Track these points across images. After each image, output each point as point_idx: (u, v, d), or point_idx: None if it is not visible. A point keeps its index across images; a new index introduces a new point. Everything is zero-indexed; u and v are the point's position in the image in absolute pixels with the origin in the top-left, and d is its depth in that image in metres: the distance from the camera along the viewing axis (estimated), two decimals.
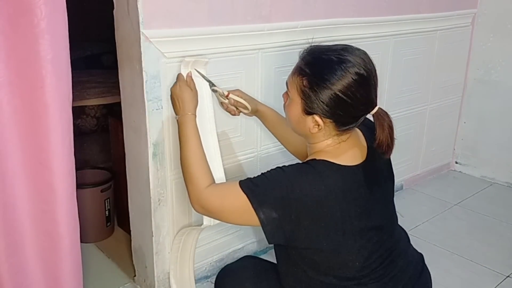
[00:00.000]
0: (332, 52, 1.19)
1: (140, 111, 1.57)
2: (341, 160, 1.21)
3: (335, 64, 1.16)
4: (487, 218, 2.46)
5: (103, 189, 2.13)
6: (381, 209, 1.27)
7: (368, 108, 1.20)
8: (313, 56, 1.21)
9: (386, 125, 1.19)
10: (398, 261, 1.28)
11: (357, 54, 1.18)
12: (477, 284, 1.94)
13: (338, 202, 1.17)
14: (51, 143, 1.28)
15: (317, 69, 1.18)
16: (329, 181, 1.17)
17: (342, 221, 1.18)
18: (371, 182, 1.24)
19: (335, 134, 1.23)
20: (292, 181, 1.17)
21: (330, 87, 1.15)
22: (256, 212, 1.17)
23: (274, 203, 1.16)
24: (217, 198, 1.27)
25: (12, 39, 1.17)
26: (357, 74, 1.15)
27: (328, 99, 1.16)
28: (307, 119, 1.22)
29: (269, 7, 1.75)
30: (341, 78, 1.14)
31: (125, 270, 1.95)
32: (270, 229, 1.18)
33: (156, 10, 1.48)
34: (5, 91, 1.20)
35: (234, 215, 1.23)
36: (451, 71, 2.76)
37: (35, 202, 1.33)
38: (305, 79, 1.19)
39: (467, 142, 2.96)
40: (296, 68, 1.23)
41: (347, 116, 1.20)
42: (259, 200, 1.17)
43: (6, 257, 1.31)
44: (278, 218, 1.16)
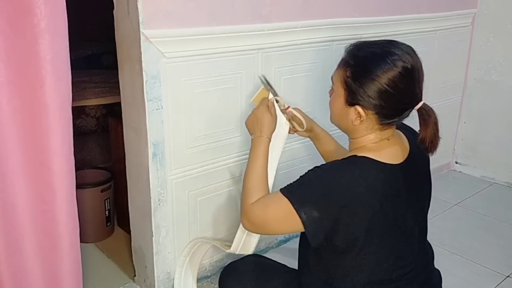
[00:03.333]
0: (377, 45, 1.20)
1: (140, 111, 1.57)
2: (382, 157, 1.19)
3: (379, 55, 1.16)
4: (487, 218, 2.46)
5: (103, 189, 2.13)
6: (415, 215, 1.25)
7: (412, 102, 1.19)
8: (358, 49, 1.22)
9: (432, 122, 1.19)
10: (420, 275, 1.27)
11: (402, 48, 1.19)
12: (477, 284, 1.94)
13: (377, 199, 1.15)
14: (51, 143, 1.28)
15: (361, 60, 1.18)
16: (369, 177, 1.15)
17: (380, 220, 1.16)
18: (409, 183, 1.22)
19: (378, 128, 1.21)
20: (331, 179, 1.16)
21: (373, 77, 1.15)
22: (297, 213, 1.15)
23: (314, 202, 1.15)
24: (260, 209, 1.26)
25: (11, 39, 1.17)
26: (401, 66, 1.15)
27: (370, 90, 1.16)
28: (349, 111, 1.21)
29: (269, 7, 1.75)
30: (384, 69, 1.14)
31: (125, 270, 1.95)
32: (312, 230, 1.16)
33: (156, 10, 1.48)
34: (5, 91, 1.20)
35: (277, 222, 1.22)
36: (451, 71, 2.76)
37: (35, 202, 1.33)
38: (349, 70, 1.19)
39: (467, 142, 2.96)
40: (341, 61, 1.23)
41: (389, 108, 1.19)
42: (300, 200, 1.16)
43: (5, 256, 1.31)
44: (319, 217, 1.15)
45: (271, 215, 1.22)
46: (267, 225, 1.25)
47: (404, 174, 1.21)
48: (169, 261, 1.76)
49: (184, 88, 1.61)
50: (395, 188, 1.18)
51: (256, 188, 1.33)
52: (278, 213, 1.20)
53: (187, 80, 1.61)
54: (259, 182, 1.35)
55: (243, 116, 1.80)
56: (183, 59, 1.58)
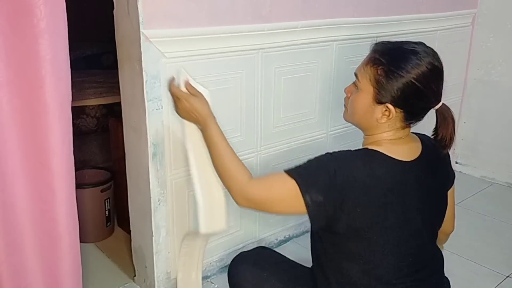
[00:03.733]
0: (406, 44, 1.22)
1: (140, 111, 1.57)
2: (393, 153, 1.20)
3: (411, 54, 1.18)
4: (487, 218, 2.46)
5: (103, 189, 2.13)
6: (424, 217, 1.25)
7: (436, 101, 1.22)
8: (388, 47, 1.23)
9: (450, 120, 1.22)
10: (431, 280, 1.27)
11: (429, 49, 1.22)
12: (477, 284, 1.94)
13: (384, 193, 1.16)
14: (51, 142, 1.28)
15: (392, 58, 1.19)
16: (378, 170, 1.17)
17: (384, 213, 1.17)
18: (419, 183, 1.22)
19: (400, 127, 1.23)
20: (340, 165, 1.17)
21: (406, 75, 1.16)
22: (303, 195, 1.16)
23: (321, 186, 1.16)
24: (264, 189, 1.25)
25: (11, 39, 1.17)
26: (431, 64, 1.18)
27: (403, 87, 1.17)
28: (377, 109, 1.22)
29: (269, 7, 1.75)
30: (417, 66, 1.16)
31: (125, 270, 1.95)
32: (315, 213, 1.17)
33: (156, 10, 1.48)
34: (5, 91, 1.20)
35: (281, 203, 1.22)
36: (451, 71, 2.76)
37: (35, 202, 1.33)
38: (380, 68, 1.19)
39: (467, 142, 2.96)
40: (370, 59, 1.23)
41: (418, 106, 1.22)
42: (307, 183, 1.16)
43: (5, 256, 1.31)
44: (323, 202, 1.15)
45: (276, 195, 1.22)
46: (270, 203, 1.25)
47: (414, 172, 1.22)
48: (169, 261, 1.76)
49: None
50: (403, 184, 1.19)
51: (239, 167, 1.34)
52: (283, 193, 1.20)
53: None
54: (237, 160, 1.36)
55: (243, 116, 1.81)
56: (183, 59, 1.58)
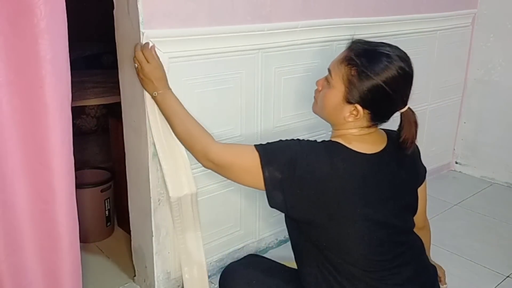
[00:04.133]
0: (381, 46, 1.26)
1: (140, 111, 1.57)
2: (357, 147, 1.24)
3: (385, 57, 1.22)
4: (487, 218, 2.46)
5: (103, 189, 2.13)
6: (392, 207, 1.27)
7: (403, 105, 1.26)
8: (364, 48, 1.27)
9: (413, 123, 1.26)
10: (410, 266, 1.27)
11: (402, 52, 1.26)
12: (477, 284, 1.94)
13: (343, 185, 1.20)
14: (51, 142, 1.28)
15: (366, 60, 1.22)
16: (338, 163, 1.21)
17: (343, 203, 1.20)
18: (381, 175, 1.26)
19: (365, 126, 1.27)
20: (303, 153, 1.22)
21: (377, 78, 1.20)
22: (262, 169, 1.22)
23: (281, 164, 1.22)
24: (229, 154, 1.31)
25: (11, 39, 1.17)
26: (402, 69, 1.22)
27: (373, 89, 1.21)
28: (346, 107, 1.26)
29: (269, 7, 1.75)
30: (388, 71, 1.21)
31: (125, 270, 1.95)
32: (271, 189, 1.23)
33: (156, 10, 1.48)
34: (5, 91, 1.20)
35: (243, 172, 1.28)
36: (451, 71, 2.76)
37: (35, 202, 1.33)
38: (354, 69, 1.23)
39: (467, 142, 2.96)
40: (345, 57, 1.27)
41: (385, 109, 1.26)
42: (269, 158, 1.23)
43: (5, 256, 1.30)
44: (280, 179, 1.21)
45: (239, 162, 1.28)
46: (232, 169, 1.30)
47: (376, 165, 1.25)
48: (169, 261, 1.76)
49: (184, 88, 1.61)
50: (364, 176, 1.23)
51: (202, 131, 1.40)
52: (246, 162, 1.26)
53: (187, 80, 1.61)
54: (199, 126, 1.41)
55: (243, 116, 1.81)
56: (183, 59, 1.58)
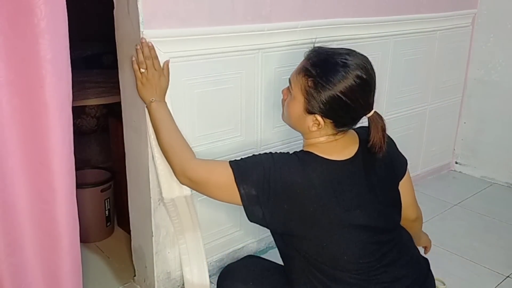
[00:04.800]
0: (338, 55, 1.24)
1: (140, 111, 1.57)
2: (329, 155, 1.26)
3: (340, 67, 1.21)
4: (487, 218, 2.46)
5: (103, 189, 2.13)
6: (372, 208, 1.27)
7: (366, 111, 1.26)
8: (320, 58, 1.26)
9: (380, 128, 1.26)
10: (399, 263, 1.28)
11: (360, 59, 1.24)
12: (477, 284, 1.94)
13: (318, 194, 1.21)
14: (51, 142, 1.28)
15: (322, 71, 1.22)
16: (312, 173, 1.22)
17: (321, 212, 1.21)
18: (359, 178, 1.27)
19: (332, 133, 1.28)
20: (275, 166, 1.23)
21: (334, 89, 1.20)
22: (237, 187, 1.24)
23: (255, 181, 1.23)
24: (204, 171, 1.33)
25: (12, 39, 1.17)
26: (359, 77, 1.21)
27: (331, 101, 1.21)
28: (307, 118, 1.27)
29: (269, 7, 1.75)
30: (345, 80, 1.20)
31: (125, 270, 1.95)
32: (248, 205, 1.25)
33: (156, 10, 1.48)
34: (5, 91, 1.20)
35: (218, 189, 1.30)
36: (451, 71, 2.76)
37: (35, 202, 1.33)
38: (311, 80, 1.23)
39: (467, 142, 2.96)
40: (302, 68, 1.27)
41: (347, 117, 1.26)
42: (242, 175, 1.25)
43: (5, 256, 1.30)
44: (256, 196, 1.23)
45: (214, 180, 1.29)
46: (207, 186, 1.31)
47: (349, 169, 1.26)
48: (169, 261, 1.76)
49: (184, 88, 1.61)
50: (339, 182, 1.24)
51: (184, 146, 1.42)
52: (221, 180, 1.27)
53: (187, 80, 1.61)
54: (182, 140, 1.44)
55: (243, 116, 1.81)
56: (183, 59, 1.58)
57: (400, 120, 2.51)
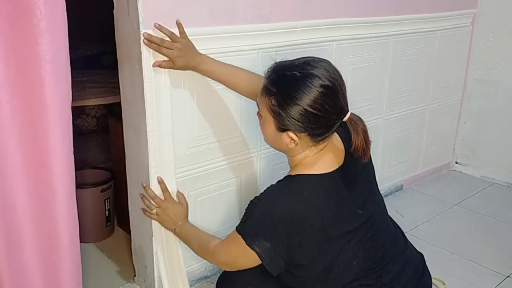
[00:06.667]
0: (295, 67, 1.20)
1: (140, 111, 1.57)
2: (317, 169, 1.22)
3: (300, 79, 1.17)
4: (487, 218, 2.46)
5: (103, 189, 2.13)
6: (368, 208, 1.27)
7: (340, 116, 1.21)
8: (277, 74, 1.22)
9: (360, 130, 1.21)
10: (397, 260, 1.28)
11: (320, 66, 1.19)
12: (477, 284, 1.94)
13: (321, 211, 1.19)
14: (51, 142, 1.28)
15: (282, 87, 1.19)
16: (306, 194, 1.19)
17: (330, 227, 1.19)
18: (352, 183, 1.25)
19: (312, 145, 1.24)
20: (271, 208, 1.19)
21: (298, 103, 1.16)
22: (251, 248, 1.20)
23: (263, 234, 1.19)
24: (224, 250, 1.34)
25: (11, 39, 1.17)
26: (322, 86, 1.16)
27: (298, 115, 1.17)
28: (282, 136, 1.24)
29: (269, 7, 1.75)
30: (307, 92, 1.15)
31: (125, 270, 1.95)
32: (269, 260, 1.21)
33: (156, 10, 1.48)
34: (5, 91, 1.20)
35: (242, 258, 1.27)
36: (451, 71, 2.76)
37: (35, 202, 1.33)
38: (273, 98, 1.20)
39: (467, 142, 2.96)
40: (263, 88, 1.24)
41: (320, 127, 1.21)
42: (250, 235, 1.22)
43: (5, 256, 1.31)
44: (271, 246, 1.19)
45: (234, 252, 1.28)
46: (235, 262, 1.31)
47: (343, 177, 1.24)
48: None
49: (184, 88, 1.61)
50: (335, 195, 1.21)
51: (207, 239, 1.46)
52: (239, 249, 1.25)
53: (187, 80, 1.61)
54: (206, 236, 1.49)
55: (243, 116, 1.81)
56: None
57: (400, 120, 2.51)
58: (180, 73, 1.58)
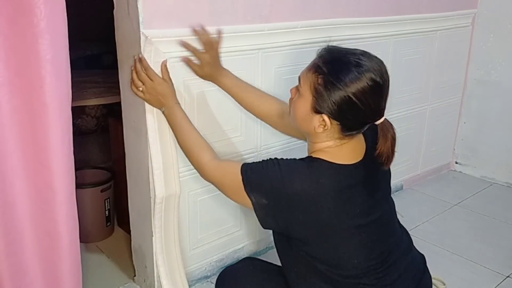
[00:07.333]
0: (351, 55, 1.19)
1: (140, 111, 1.57)
2: (337, 159, 1.21)
3: (353, 67, 1.16)
4: (487, 218, 2.46)
5: (103, 189, 2.13)
6: (379, 208, 1.27)
7: (376, 117, 1.20)
8: (332, 56, 1.21)
9: (390, 137, 1.20)
10: (400, 262, 1.28)
11: (375, 61, 1.20)
12: (477, 284, 1.94)
13: (332, 201, 1.18)
14: (51, 142, 1.28)
15: (334, 69, 1.17)
16: (323, 180, 1.18)
17: (336, 219, 1.18)
18: (368, 181, 1.24)
19: (338, 138, 1.23)
20: (284, 177, 1.19)
21: (345, 88, 1.14)
22: (248, 195, 1.23)
23: (264, 192, 1.21)
24: (219, 173, 1.33)
25: (11, 39, 1.17)
26: (373, 80, 1.16)
27: (340, 100, 1.16)
28: (314, 118, 1.21)
29: (269, 7, 1.75)
30: (357, 81, 1.14)
31: (125, 270, 1.95)
32: (260, 214, 1.23)
33: (156, 10, 1.48)
34: (5, 90, 1.20)
35: (231, 191, 1.29)
36: (451, 71, 2.76)
37: (35, 202, 1.33)
38: (321, 77, 1.18)
39: (467, 142, 2.96)
40: (313, 65, 1.22)
41: (354, 121, 1.20)
42: (251, 185, 1.23)
43: (5, 256, 1.31)
44: (268, 205, 1.21)
45: (228, 183, 1.30)
46: (223, 188, 1.32)
47: (361, 173, 1.23)
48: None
49: (184, 88, 1.61)
50: (351, 188, 1.20)
51: (201, 146, 1.41)
52: (233, 184, 1.26)
53: (187, 80, 1.61)
54: (200, 142, 1.43)
55: (243, 116, 1.81)
56: None
57: (400, 120, 2.51)
58: (180, 73, 1.58)
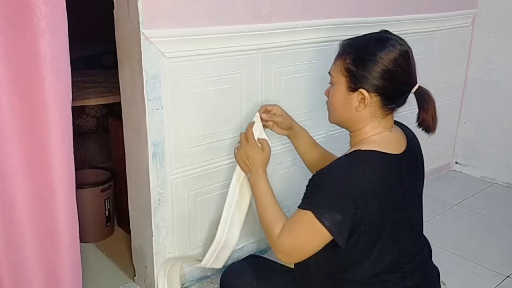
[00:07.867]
0: (374, 34, 1.25)
1: (140, 111, 1.57)
2: (385, 148, 1.20)
3: (377, 40, 1.21)
4: (487, 218, 2.46)
5: (103, 189, 2.13)
6: (414, 203, 1.28)
7: (411, 83, 1.22)
8: (354, 39, 1.26)
9: (430, 100, 1.23)
10: (420, 270, 1.27)
11: (397, 36, 1.25)
12: (477, 284, 1.94)
13: (387, 190, 1.16)
14: (51, 142, 1.28)
15: (361, 46, 1.22)
16: (379, 170, 1.16)
17: (388, 210, 1.16)
18: (409, 173, 1.24)
19: (380, 114, 1.22)
20: (341, 178, 1.14)
21: (375, 58, 1.17)
22: (321, 222, 1.12)
23: (333, 205, 1.12)
24: (287, 236, 1.20)
25: (11, 39, 1.17)
26: (401, 50, 1.20)
27: (373, 70, 1.17)
28: (352, 97, 1.21)
29: (269, 7, 1.75)
30: (385, 50, 1.18)
31: (125, 270, 1.95)
32: (338, 233, 1.13)
33: (156, 10, 1.48)
34: (5, 90, 1.20)
35: (307, 240, 1.17)
36: (451, 71, 2.76)
37: (35, 201, 1.33)
38: (348, 57, 1.21)
39: (467, 142, 2.96)
40: (339, 53, 1.26)
41: (391, 88, 1.20)
42: (319, 207, 1.13)
43: (5, 256, 1.31)
44: (341, 219, 1.12)
45: (299, 235, 1.18)
46: (300, 247, 1.19)
47: (405, 164, 1.23)
48: None
49: (184, 88, 1.61)
50: (399, 177, 1.20)
51: (275, 220, 1.27)
52: (304, 230, 1.16)
53: (187, 80, 1.61)
54: (275, 214, 1.29)
55: (243, 116, 1.81)
56: (183, 59, 1.58)
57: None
58: (179, 73, 1.58)
